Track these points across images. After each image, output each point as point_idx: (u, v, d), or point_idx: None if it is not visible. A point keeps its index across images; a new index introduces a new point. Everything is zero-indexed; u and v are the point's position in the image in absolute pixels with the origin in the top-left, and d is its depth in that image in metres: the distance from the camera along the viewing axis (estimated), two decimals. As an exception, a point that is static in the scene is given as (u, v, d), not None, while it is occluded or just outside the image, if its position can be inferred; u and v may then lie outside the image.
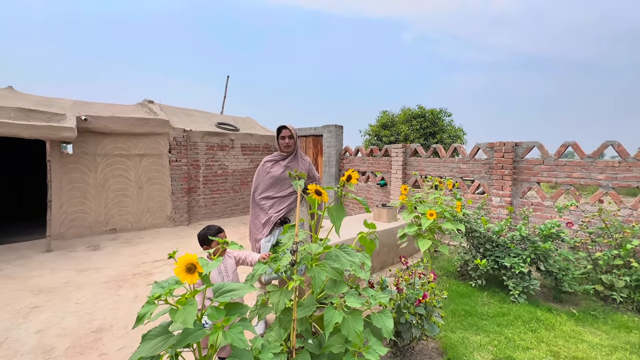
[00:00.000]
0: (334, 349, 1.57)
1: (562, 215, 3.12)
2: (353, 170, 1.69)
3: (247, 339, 1.18)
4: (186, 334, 1.13)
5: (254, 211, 2.59)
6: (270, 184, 2.51)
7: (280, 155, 2.57)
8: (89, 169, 4.93)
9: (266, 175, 2.53)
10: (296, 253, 1.56)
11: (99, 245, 4.61)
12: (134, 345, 2.23)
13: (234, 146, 6.68)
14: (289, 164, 2.53)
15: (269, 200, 2.49)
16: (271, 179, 2.50)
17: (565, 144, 3.82)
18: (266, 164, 2.59)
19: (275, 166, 2.54)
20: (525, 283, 3.02)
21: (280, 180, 2.50)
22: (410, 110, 14.34)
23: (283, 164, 2.53)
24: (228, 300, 1.25)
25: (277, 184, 2.49)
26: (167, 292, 1.14)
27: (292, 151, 2.55)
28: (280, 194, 2.47)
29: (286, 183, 2.50)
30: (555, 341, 2.40)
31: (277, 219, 2.44)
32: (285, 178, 2.50)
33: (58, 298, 2.95)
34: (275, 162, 2.56)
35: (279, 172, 2.50)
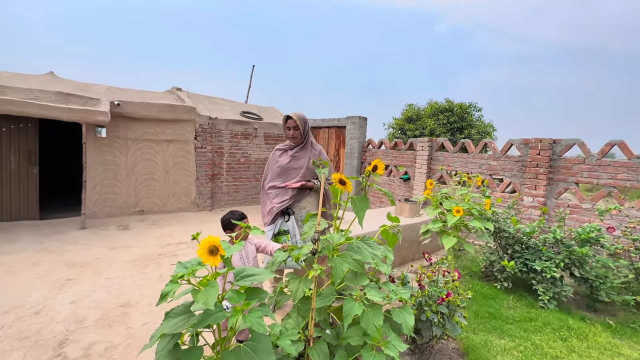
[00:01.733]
0: (352, 341, 1.54)
1: (603, 219, 2.88)
2: (380, 160, 1.63)
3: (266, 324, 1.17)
4: (207, 314, 1.13)
5: (262, 199, 2.57)
6: (277, 174, 2.46)
7: (290, 144, 2.51)
8: (120, 152, 5.15)
9: (274, 164, 2.49)
10: (317, 242, 1.54)
11: (128, 225, 4.84)
12: (157, 322, 2.32)
13: (257, 135, 6.74)
14: (297, 153, 2.47)
15: (275, 189, 2.45)
16: (278, 168, 2.46)
17: (610, 143, 3.51)
18: (276, 153, 2.54)
19: (283, 155, 2.50)
20: (557, 289, 2.85)
21: (287, 170, 2.44)
22: (437, 103, 13.83)
23: (290, 153, 2.48)
24: (248, 284, 1.24)
25: (283, 173, 2.44)
26: (190, 273, 1.15)
27: (299, 142, 2.47)
28: (285, 185, 2.42)
29: (292, 173, 2.44)
30: (588, 352, 2.25)
31: (280, 210, 2.39)
32: (292, 168, 2.44)
33: (90, 272, 3.12)
34: (283, 152, 2.52)
35: (286, 161, 2.45)
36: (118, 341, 2.09)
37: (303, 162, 2.47)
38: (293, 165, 2.46)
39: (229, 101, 7.99)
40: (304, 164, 2.46)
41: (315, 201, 2.57)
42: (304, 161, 2.47)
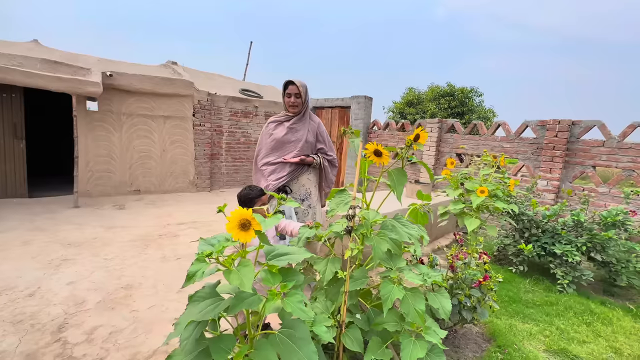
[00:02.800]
0: (389, 327, 1.40)
1: (629, 202, 2.79)
2: (422, 129, 1.44)
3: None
4: (240, 298, 0.97)
5: (255, 177, 2.33)
6: (272, 148, 2.22)
7: (286, 115, 2.25)
8: (114, 128, 4.85)
9: (268, 138, 2.24)
10: (353, 219, 1.37)
11: (124, 204, 4.61)
12: (164, 305, 2.17)
13: (258, 114, 6.45)
14: (294, 125, 2.21)
15: (270, 165, 2.21)
16: (273, 141, 2.21)
17: (633, 125, 3.39)
18: (269, 125, 2.28)
19: (279, 127, 2.24)
20: (577, 273, 2.77)
21: (283, 144, 2.20)
22: (438, 87, 13.57)
23: (287, 125, 2.21)
24: (284, 264, 1.07)
25: (279, 147, 2.21)
26: (219, 250, 0.97)
27: (299, 112, 2.22)
28: (281, 160, 2.18)
29: (289, 147, 2.20)
30: (614, 337, 2.18)
31: (276, 188, 2.17)
32: (289, 141, 2.20)
33: (87, 252, 2.93)
34: (279, 124, 2.26)
35: (282, 134, 2.20)
36: (123, 325, 1.93)
37: (301, 135, 2.23)
38: (290, 138, 2.21)
39: (227, 78, 7.62)
40: (302, 137, 2.22)
41: (315, 178, 2.35)
42: (302, 134, 2.23)
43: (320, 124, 2.34)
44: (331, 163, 2.36)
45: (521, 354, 1.94)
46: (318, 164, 2.28)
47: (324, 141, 2.33)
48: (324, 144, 2.32)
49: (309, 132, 2.26)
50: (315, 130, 2.30)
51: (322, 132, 2.33)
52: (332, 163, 2.37)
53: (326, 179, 2.37)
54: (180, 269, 2.73)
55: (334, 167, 2.39)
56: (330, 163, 2.35)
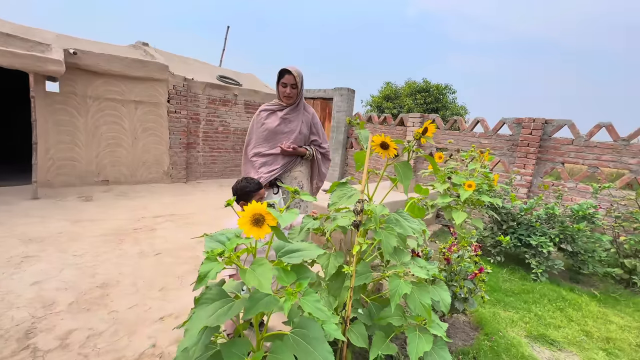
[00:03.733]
0: (395, 321, 1.39)
1: (597, 197, 3.01)
2: (431, 122, 1.43)
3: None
4: (255, 300, 0.89)
5: (245, 168, 2.23)
6: (264, 138, 2.13)
7: (279, 105, 2.14)
8: (79, 112, 4.42)
9: (260, 127, 2.14)
10: (361, 213, 1.33)
11: (91, 196, 4.25)
12: (146, 304, 2.02)
13: (237, 102, 6.20)
14: (288, 115, 2.12)
15: (261, 157, 2.12)
16: (265, 131, 2.12)
17: (599, 125, 3.64)
18: (261, 114, 2.17)
19: (271, 117, 2.14)
20: (549, 262, 2.96)
21: (275, 135, 2.11)
22: (415, 83, 13.85)
23: (280, 114, 2.12)
24: (298, 261, 1.01)
25: (271, 138, 2.12)
26: (232, 248, 0.89)
27: (293, 102, 2.12)
28: (273, 151, 2.09)
29: (282, 138, 2.12)
30: (584, 321, 2.36)
31: (268, 181, 2.08)
32: (282, 132, 2.11)
33: (52, 249, 2.66)
34: (271, 113, 2.15)
35: (275, 124, 2.11)
36: (102, 327, 1.77)
37: (295, 126, 2.14)
38: (283, 129, 2.12)
39: (203, 63, 7.23)
40: (296, 128, 2.14)
41: (307, 171, 2.29)
42: (296, 125, 2.15)
43: (315, 115, 2.27)
44: (324, 156, 2.30)
45: (506, 340, 2.04)
46: (311, 155, 2.22)
47: (318, 133, 2.26)
48: (318, 136, 2.25)
49: (303, 123, 2.18)
50: (310, 122, 2.22)
51: (316, 123, 2.25)
52: (325, 156, 2.31)
53: (319, 172, 2.31)
54: (161, 265, 2.56)
55: (327, 160, 2.34)
56: (323, 156, 2.29)
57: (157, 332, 1.78)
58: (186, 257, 2.73)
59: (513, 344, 2.01)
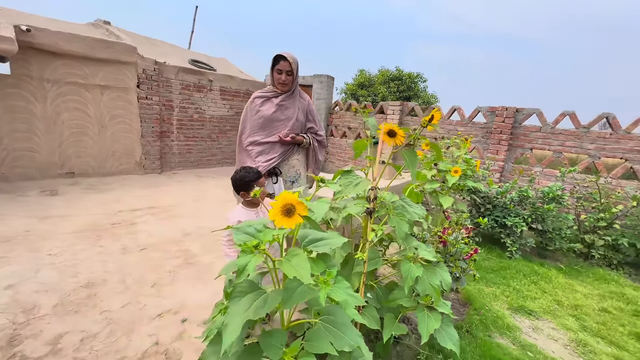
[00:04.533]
0: (405, 302, 1.46)
1: (564, 179, 3.29)
2: (437, 110, 1.46)
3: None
4: (290, 290, 0.89)
5: (240, 157, 2.17)
6: (259, 126, 2.07)
7: (274, 91, 2.07)
8: (36, 98, 3.98)
9: (255, 115, 2.07)
10: (374, 201, 1.35)
11: (56, 190, 3.90)
12: (140, 301, 1.93)
13: (212, 88, 5.92)
14: (284, 102, 2.06)
15: (257, 145, 2.07)
16: (260, 119, 2.06)
17: (564, 113, 3.95)
18: (255, 101, 2.10)
19: (267, 104, 2.08)
20: (522, 241, 3.22)
21: (271, 122, 2.06)
22: (388, 71, 14.04)
23: (276, 102, 2.05)
24: (326, 249, 1.01)
25: (267, 126, 2.06)
26: (267, 240, 0.86)
27: (289, 90, 2.06)
28: (270, 139, 2.05)
29: (278, 126, 2.07)
30: (555, 292, 2.62)
31: (266, 170, 2.03)
32: (278, 120, 2.06)
33: (22, 248, 2.43)
34: (266, 100, 2.08)
35: (270, 111, 2.05)
36: (95, 329, 1.67)
37: (292, 113, 2.10)
38: (279, 117, 2.07)
39: (173, 46, 6.78)
40: (292, 115, 2.09)
41: (304, 159, 2.27)
42: (293, 112, 2.10)
43: (310, 102, 2.23)
44: (321, 143, 2.29)
45: (492, 313, 2.22)
46: (308, 143, 2.19)
47: (314, 120, 2.24)
48: (314, 123, 2.23)
49: (299, 110, 2.14)
50: (306, 109, 2.18)
51: (312, 110, 2.22)
52: (322, 143, 2.30)
53: (315, 160, 2.30)
54: (149, 260, 2.44)
55: (322, 148, 2.33)
56: (320, 143, 2.28)
57: (157, 329, 1.71)
58: (174, 251, 2.63)
59: (498, 316, 2.19)
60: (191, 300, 1.98)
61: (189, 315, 1.84)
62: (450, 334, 1.44)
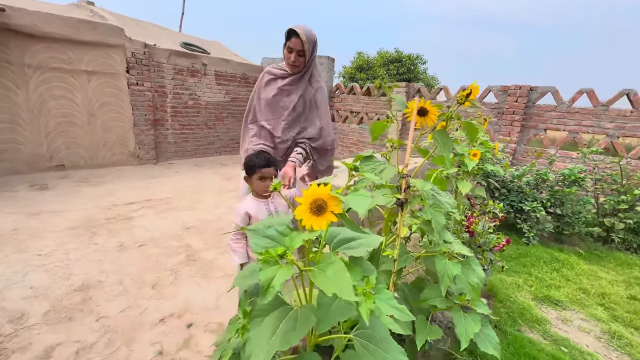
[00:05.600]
0: (438, 303, 1.29)
1: (586, 160, 3.11)
2: (475, 83, 1.26)
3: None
4: (325, 306, 0.71)
5: (242, 135, 1.92)
6: (261, 107, 1.83)
7: (284, 71, 1.80)
8: (17, 85, 3.70)
9: (259, 94, 1.84)
10: (407, 190, 1.16)
11: (46, 184, 3.68)
12: (140, 305, 1.76)
13: (207, 73, 5.61)
14: (287, 87, 1.79)
15: (256, 126, 1.84)
16: (262, 100, 1.82)
17: (581, 91, 3.74)
18: (264, 77, 1.84)
19: (271, 84, 1.82)
20: (540, 226, 3.08)
21: (271, 107, 1.80)
22: (387, 53, 13.62)
23: (279, 84, 1.79)
24: (362, 253, 0.83)
25: (267, 110, 1.81)
26: (295, 246, 0.68)
27: (299, 72, 1.78)
28: (268, 127, 1.79)
29: (278, 112, 1.81)
30: (579, 279, 2.49)
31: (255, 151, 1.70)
32: (277, 105, 1.80)
33: (9, 248, 2.24)
34: (273, 79, 1.82)
35: (271, 94, 1.80)
36: (91, 338, 1.50)
37: (290, 102, 1.79)
38: (278, 102, 1.79)
39: (162, 28, 6.40)
40: (290, 104, 1.78)
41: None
42: (292, 100, 1.79)
43: (321, 90, 1.85)
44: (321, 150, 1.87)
45: (517, 305, 2.08)
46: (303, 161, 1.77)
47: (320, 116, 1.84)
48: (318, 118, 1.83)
49: (300, 98, 1.78)
50: (312, 97, 1.82)
51: (320, 98, 1.84)
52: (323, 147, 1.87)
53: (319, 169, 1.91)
54: (148, 258, 2.27)
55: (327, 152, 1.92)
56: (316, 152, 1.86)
57: (160, 336, 1.55)
58: (175, 247, 2.45)
59: (525, 308, 2.05)
60: (196, 302, 1.82)
61: (195, 319, 1.68)
62: (490, 336, 1.29)
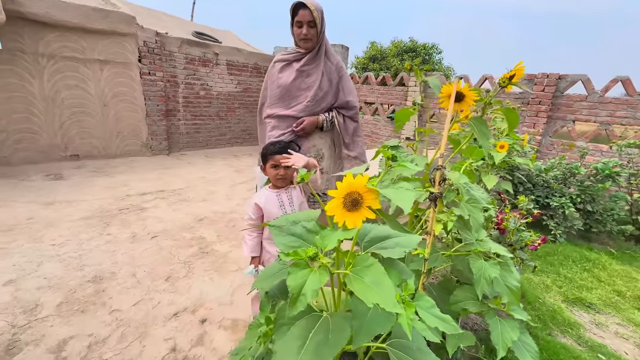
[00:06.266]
0: (471, 307, 1.19)
1: (622, 154, 2.91)
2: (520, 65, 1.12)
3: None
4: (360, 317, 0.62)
5: (260, 130, 1.84)
6: (278, 97, 1.70)
7: (296, 52, 1.68)
8: (31, 75, 3.69)
9: (274, 83, 1.72)
10: (443, 183, 1.05)
11: (61, 174, 3.70)
12: (153, 298, 1.72)
13: (219, 62, 5.52)
14: (306, 67, 1.66)
15: (274, 119, 1.72)
16: (279, 88, 1.70)
17: (616, 79, 3.48)
18: (276, 66, 1.73)
19: (287, 70, 1.70)
20: (568, 223, 2.91)
21: (290, 92, 1.68)
22: (401, 43, 13.24)
23: (297, 66, 1.67)
24: (399, 255, 0.73)
25: (286, 96, 1.69)
26: (329, 246, 0.58)
27: (313, 47, 1.65)
28: (289, 112, 1.66)
29: (299, 97, 1.69)
30: (613, 280, 2.34)
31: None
32: (299, 89, 1.68)
33: (23, 238, 2.23)
34: (286, 64, 1.71)
35: (290, 79, 1.66)
36: (104, 332, 1.47)
37: (313, 81, 1.69)
38: (300, 85, 1.68)
39: (173, 17, 6.32)
40: (314, 83, 1.68)
41: (328, 136, 1.84)
42: (315, 79, 1.69)
43: (341, 65, 1.81)
44: (352, 119, 1.84)
45: (547, 307, 1.95)
46: (329, 124, 1.75)
47: (344, 89, 1.79)
48: (343, 93, 1.79)
49: (323, 76, 1.71)
50: (333, 74, 1.78)
51: (342, 76, 1.81)
52: (353, 118, 1.85)
53: (346, 143, 1.84)
54: (161, 249, 2.23)
55: (353, 122, 1.87)
56: (350, 119, 1.83)
57: (174, 332, 1.50)
58: (188, 239, 2.41)
59: (555, 310, 1.92)
60: (209, 296, 1.77)
61: (209, 315, 1.62)
62: (528, 344, 1.18)
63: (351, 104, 1.82)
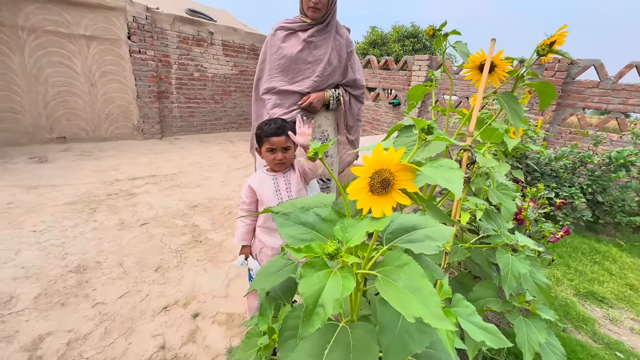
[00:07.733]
0: (493, 305, 1.07)
1: (637, 143, 2.78)
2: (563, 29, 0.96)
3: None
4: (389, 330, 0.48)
5: (255, 108, 1.66)
6: (280, 68, 1.53)
7: (302, 22, 1.51)
8: (10, 49, 3.44)
9: (275, 53, 1.53)
10: (473, 166, 0.91)
11: (46, 156, 3.50)
12: (141, 289, 1.59)
13: (214, 42, 5.25)
14: (314, 38, 1.50)
15: (275, 94, 1.55)
16: (282, 59, 1.52)
17: (630, 64, 3.33)
18: (277, 34, 1.53)
19: (291, 39, 1.53)
20: (577, 214, 2.81)
21: (295, 64, 1.51)
22: (402, 28, 12.88)
23: (303, 36, 1.50)
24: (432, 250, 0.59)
25: (289, 69, 1.53)
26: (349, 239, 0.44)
27: (321, 18, 1.49)
28: (292, 87, 1.52)
29: (305, 70, 1.53)
30: (624, 274, 2.25)
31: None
32: (305, 62, 1.51)
33: (2, 223, 2.08)
34: (291, 33, 1.53)
35: (295, 50, 1.50)
36: (86, 328, 1.33)
37: (322, 54, 1.52)
38: (307, 58, 1.50)
39: (166, -7, 5.97)
40: (323, 57, 1.52)
41: (333, 117, 1.70)
42: (324, 52, 1.52)
43: (350, 40, 1.64)
44: (357, 99, 1.72)
45: (560, 301, 1.86)
46: (336, 103, 1.61)
47: (353, 66, 1.64)
48: (352, 71, 1.64)
49: (333, 50, 1.54)
50: (342, 49, 1.59)
51: (351, 52, 1.64)
52: (359, 99, 1.73)
53: (346, 124, 1.72)
54: (151, 238, 2.09)
55: (359, 103, 1.76)
56: (356, 99, 1.71)
57: (163, 327, 1.38)
58: (181, 227, 2.26)
59: (568, 305, 1.83)
60: (203, 288, 1.64)
61: (201, 309, 1.50)
62: (555, 346, 1.07)
63: (359, 83, 1.70)
